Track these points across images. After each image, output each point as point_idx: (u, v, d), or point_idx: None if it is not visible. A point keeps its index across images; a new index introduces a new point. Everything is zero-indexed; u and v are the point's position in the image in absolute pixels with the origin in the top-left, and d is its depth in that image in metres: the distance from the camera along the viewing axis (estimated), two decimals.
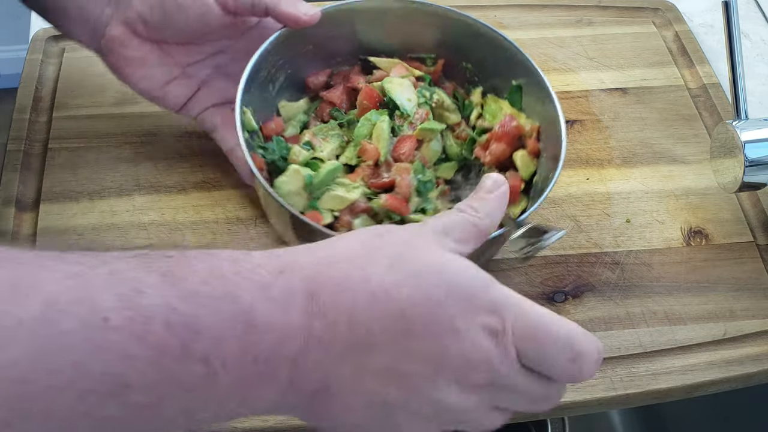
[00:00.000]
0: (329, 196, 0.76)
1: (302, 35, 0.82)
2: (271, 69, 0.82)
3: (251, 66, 0.78)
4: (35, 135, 0.92)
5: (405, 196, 0.78)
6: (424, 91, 0.85)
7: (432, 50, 0.89)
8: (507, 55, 0.85)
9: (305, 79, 0.87)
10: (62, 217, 0.85)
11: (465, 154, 0.86)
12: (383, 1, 0.85)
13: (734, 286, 0.85)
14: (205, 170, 0.90)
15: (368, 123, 0.80)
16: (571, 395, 0.76)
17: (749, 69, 1.08)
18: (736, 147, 0.83)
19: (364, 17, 0.86)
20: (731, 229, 0.90)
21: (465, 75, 0.89)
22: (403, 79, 0.84)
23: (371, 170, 0.79)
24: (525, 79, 0.85)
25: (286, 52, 0.82)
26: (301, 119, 0.85)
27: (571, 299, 0.83)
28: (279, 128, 0.83)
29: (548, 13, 1.11)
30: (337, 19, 0.84)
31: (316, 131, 0.82)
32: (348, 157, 0.80)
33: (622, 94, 1.02)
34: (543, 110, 0.83)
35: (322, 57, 0.87)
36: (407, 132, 0.82)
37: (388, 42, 0.88)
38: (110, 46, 0.80)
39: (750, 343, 0.81)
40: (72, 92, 0.97)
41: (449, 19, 0.86)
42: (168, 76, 0.82)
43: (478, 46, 0.87)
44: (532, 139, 0.83)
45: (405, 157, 0.80)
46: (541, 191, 0.77)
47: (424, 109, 0.83)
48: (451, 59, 0.89)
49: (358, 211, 0.77)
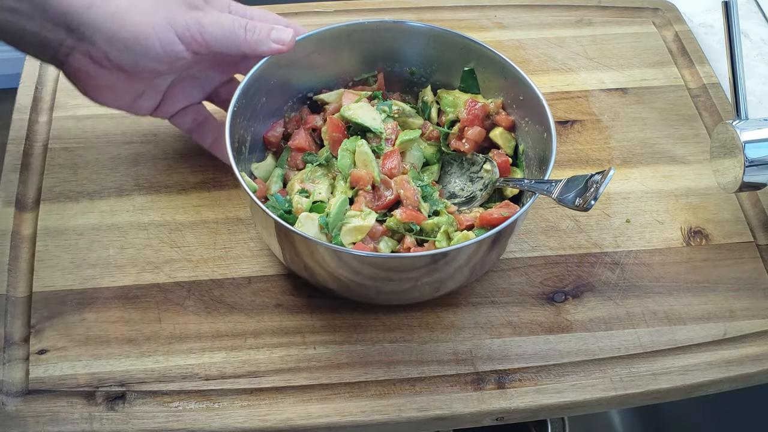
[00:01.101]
0: (347, 229, 0.76)
1: (257, 89, 0.82)
2: (239, 131, 0.81)
3: (228, 133, 0.76)
4: (35, 135, 0.92)
5: (414, 204, 0.79)
6: (382, 106, 0.86)
7: (373, 67, 0.90)
8: (450, 46, 0.87)
9: (263, 136, 0.86)
10: (62, 217, 0.85)
11: (444, 149, 0.87)
12: (322, 33, 0.85)
13: (734, 286, 0.85)
14: (205, 170, 0.90)
15: (348, 153, 0.81)
16: (571, 395, 0.76)
17: (749, 69, 1.08)
18: (736, 147, 0.83)
19: (306, 53, 0.85)
20: (731, 229, 0.90)
21: (411, 79, 0.91)
22: (359, 103, 0.85)
23: (371, 194, 0.80)
24: (475, 61, 0.87)
25: (246, 110, 0.82)
26: (278, 174, 0.85)
27: (571, 299, 0.83)
28: (264, 190, 0.83)
29: (548, 13, 1.11)
30: (285, 62, 0.84)
31: (304, 178, 0.82)
32: (343, 191, 0.81)
33: (622, 94, 1.02)
34: (505, 83, 0.85)
35: (275, 108, 0.87)
36: (387, 148, 0.83)
37: (332, 73, 0.89)
38: (75, 75, 0.79)
39: (750, 343, 0.81)
40: (72, 92, 0.96)
41: (386, 30, 0.87)
42: (136, 93, 0.81)
43: (418, 46, 0.88)
44: (502, 115, 0.86)
45: (396, 172, 0.81)
46: (542, 157, 0.79)
47: (389, 122, 0.85)
48: (393, 69, 0.90)
49: (378, 236, 0.77)
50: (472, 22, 1.08)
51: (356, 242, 0.76)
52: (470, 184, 0.86)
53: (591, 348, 0.79)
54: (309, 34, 0.84)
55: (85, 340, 0.77)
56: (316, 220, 0.76)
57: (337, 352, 0.78)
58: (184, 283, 0.81)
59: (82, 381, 0.75)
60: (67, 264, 0.82)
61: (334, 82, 0.90)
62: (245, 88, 0.80)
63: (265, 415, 0.74)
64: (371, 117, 0.84)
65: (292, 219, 0.78)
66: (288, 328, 0.79)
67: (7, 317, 0.78)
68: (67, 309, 0.79)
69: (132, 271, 0.82)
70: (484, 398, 0.76)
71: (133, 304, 0.80)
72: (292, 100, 0.88)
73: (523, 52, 1.05)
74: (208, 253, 0.84)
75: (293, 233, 0.72)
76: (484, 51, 0.85)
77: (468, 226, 0.79)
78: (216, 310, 0.80)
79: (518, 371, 0.78)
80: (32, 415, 0.72)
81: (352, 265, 0.73)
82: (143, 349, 0.77)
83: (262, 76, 0.82)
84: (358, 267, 0.73)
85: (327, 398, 0.75)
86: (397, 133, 0.84)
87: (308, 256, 0.74)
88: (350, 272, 0.74)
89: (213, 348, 0.77)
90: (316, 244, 0.71)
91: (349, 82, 0.90)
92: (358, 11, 1.08)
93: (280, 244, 0.76)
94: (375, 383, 0.76)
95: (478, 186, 0.85)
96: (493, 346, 0.79)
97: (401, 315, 0.81)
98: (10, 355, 0.76)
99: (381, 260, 0.73)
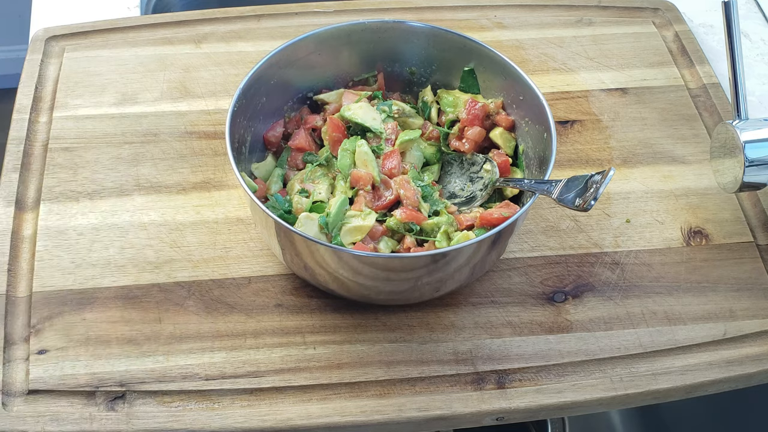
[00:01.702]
0: (347, 229, 0.77)
1: (257, 89, 0.82)
2: (239, 131, 0.81)
3: (228, 133, 0.76)
4: (35, 135, 0.92)
5: (415, 205, 0.79)
6: (382, 106, 0.86)
7: (372, 67, 0.90)
8: (450, 46, 0.87)
9: (263, 136, 0.86)
10: (62, 217, 0.85)
11: (444, 149, 0.87)
12: (322, 33, 0.85)
13: (734, 286, 0.85)
14: (205, 170, 0.90)
15: (348, 153, 0.81)
16: (571, 395, 0.76)
17: (749, 69, 1.08)
18: (736, 147, 0.83)
19: (306, 53, 0.86)
20: (731, 229, 0.90)
21: (411, 79, 0.91)
22: (359, 103, 0.85)
23: (371, 194, 0.80)
24: (475, 61, 0.87)
25: (246, 110, 0.82)
26: (278, 174, 0.85)
27: (571, 299, 0.83)
28: (264, 190, 0.83)
29: (548, 13, 1.11)
30: (284, 62, 0.84)
31: (304, 178, 0.82)
32: (343, 191, 0.81)
33: (622, 94, 1.02)
34: (505, 83, 0.85)
35: (275, 108, 0.87)
36: (387, 148, 0.83)
37: (332, 73, 0.89)
38: None
39: (750, 343, 0.81)
40: (72, 92, 0.97)
41: (386, 31, 0.87)
42: None
43: (418, 46, 0.88)
44: (502, 115, 0.86)
45: (396, 172, 0.81)
46: (541, 157, 0.79)
47: (389, 122, 0.85)
48: (393, 69, 0.90)
49: (378, 236, 0.77)
50: (472, 22, 1.08)
51: (356, 242, 0.76)
52: (470, 184, 0.86)
53: (591, 348, 0.79)
54: (309, 34, 0.84)
55: (85, 340, 0.77)
56: (316, 220, 0.76)
57: (337, 352, 0.78)
58: (184, 283, 0.81)
59: (82, 381, 0.75)
60: (67, 264, 0.82)
61: (334, 82, 0.90)
62: (245, 88, 0.80)
63: (265, 415, 0.74)
64: (371, 117, 0.84)
65: (293, 219, 0.78)
66: (288, 328, 0.79)
67: (7, 317, 0.78)
68: (67, 309, 0.79)
69: (132, 271, 0.82)
70: (484, 398, 0.76)
71: (134, 304, 0.80)
72: (292, 100, 0.88)
73: (523, 52, 1.05)
74: (208, 253, 0.84)
75: (293, 233, 0.72)
76: (484, 51, 0.85)
77: (468, 226, 0.79)
78: (216, 310, 0.80)
79: (518, 371, 0.78)
80: (32, 415, 0.72)
81: (352, 265, 0.73)
82: (143, 349, 0.77)
83: (263, 76, 0.82)
84: (359, 267, 0.73)
85: (327, 398, 0.75)
86: (397, 133, 0.84)
87: (308, 256, 0.74)
88: (350, 272, 0.74)
89: (213, 348, 0.77)
90: (317, 244, 0.71)
91: (349, 82, 0.90)
92: (358, 11, 1.08)
93: (281, 245, 0.76)
94: (375, 383, 0.76)
95: (478, 186, 0.85)
96: (493, 346, 0.79)
97: (401, 315, 0.81)
98: (10, 355, 0.76)
99: (381, 260, 0.73)
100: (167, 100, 0.96)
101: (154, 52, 1.01)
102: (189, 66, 1.00)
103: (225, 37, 1.04)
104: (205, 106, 0.96)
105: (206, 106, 0.96)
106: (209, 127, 0.94)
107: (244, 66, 1.00)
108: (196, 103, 0.96)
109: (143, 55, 1.01)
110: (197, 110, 0.96)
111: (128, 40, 1.02)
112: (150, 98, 0.96)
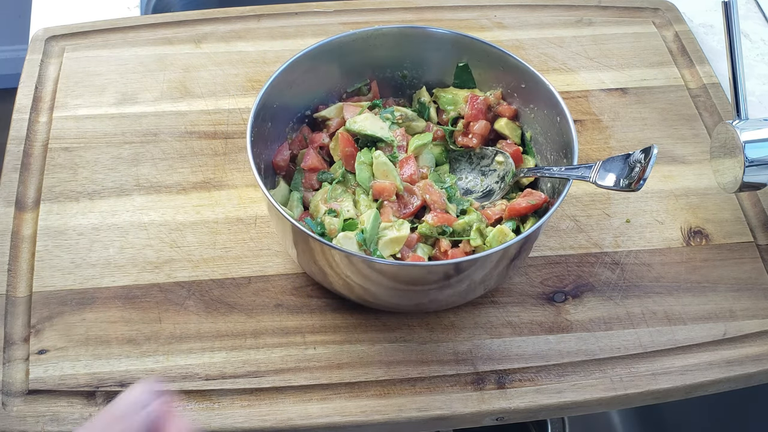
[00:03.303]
0: (384, 242, 0.76)
1: (263, 115, 0.81)
2: (255, 160, 0.80)
3: (252, 161, 0.76)
4: (35, 135, 0.92)
5: (443, 207, 0.79)
6: (385, 114, 0.86)
7: (364, 76, 0.89)
8: (442, 44, 0.87)
9: (272, 161, 0.85)
10: (62, 217, 0.85)
11: (452, 147, 0.88)
12: (314, 50, 0.84)
13: (734, 286, 0.85)
14: (205, 170, 0.90)
15: (365, 166, 0.81)
16: (571, 395, 0.76)
17: (749, 69, 1.08)
18: (736, 147, 0.83)
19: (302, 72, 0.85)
20: (731, 229, 0.90)
21: (403, 83, 0.91)
22: (363, 114, 0.84)
23: (396, 204, 0.79)
24: (468, 56, 0.87)
25: (257, 138, 0.80)
26: (297, 197, 0.84)
27: (571, 299, 0.83)
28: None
29: (548, 13, 1.11)
30: (284, 83, 0.83)
31: (327, 198, 0.81)
32: (367, 204, 0.80)
33: (622, 94, 1.02)
34: (503, 74, 0.85)
35: (278, 132, 0.86)
36: (400, 155, 0.83)
37: (325, 88, 0.88)
38: None
39: (750, 343, 0.81)
40: (72, 92, 0.97)
41: (377, 38, 0.87)
42: None
43: (410, 49, 0.88)
44: (504, 106, 0.86)
45: (415, 178, 0.81)
46: (558, 142, 0.80)
47: (396, 129, 0.85)
48: (385, 75, 0.90)
49: (414, 244, 0.77)
50: (472, 22, 1.08)
51: (395, 254, 0.76)
52: (483, 177, 0.86)
53: (591, 348, 0.79)
54: (303, 53, 0.83)
55: (85, 340, 0.77)
56: (353, 238, 0.75)
57: (337, 352, 0.78)
58: (184, 283, 0.81)
59: (82, 381, 0.75)
60: (67, 264, 0.82)
61: (328, 96, 0.89)
62: (255, 115, 0.79)
63: (265, 415, 0.74)
64: (379, 127, 0.83)
65: (327, 240, 0.77)
66: (288, 328, 0.79)
67: (7, 317, 0.78)
68: (67, 309, 0.79)
69: (132, 271, 0.82)
70: (484, 398, 0.76)
71: (134, 304, 0.80)
72: (292, 121, 0.87)
73: (523, 52, 1.05)
74: (208, 253, 0.84)
75: (351, 256, 0.71)
76: (479, 45, 0.86)
77: (497, 219, 0.79)
78: (216, 310, 0.80)
79: (518, 371, 0.78)
80: (32, 415, 0.72)
81: (413, 276, 0.73)
82: (143, 349, 0.77)
83: (267, 102, 0.81)
84: (425, 277, 0.73)
85: (327, 398, 0.75)
86: (406, 139, 0.84)
87: (357, 274, 0.73)
88: (407, 284, 0.74)
89: (213, 348, 0.77)
90: (379, 263, 0.71)
91: (343, 93, 0.90)
92: (358, 11, 1.08)
93: (320, 267, 0.75)
94: (375, 383, 0.76)
95: (493, 179, 0.85)
96: (493, 346, 0.79)
97: (401, 315, 0.81)
98: (10, 355, 0.76)
99: (450, 266, 0.72)
100: (167, 100, 0.96)
101: (154, 52, 1.01)
102: (189, 66, 1.00)
103: (225, 37, 1.04)
104: (205, 106, 0.96)
105: (206, 106, 0.96)
106: (209, 127, 0.94)
107: (244, 66, 1.00)
108: (196, 103, 0.96)
109: (143, 55, 1.01)
110: (197, 110, 0.96)
111: (128, 40, 1.02)
112: (150, 98, 0.96)
